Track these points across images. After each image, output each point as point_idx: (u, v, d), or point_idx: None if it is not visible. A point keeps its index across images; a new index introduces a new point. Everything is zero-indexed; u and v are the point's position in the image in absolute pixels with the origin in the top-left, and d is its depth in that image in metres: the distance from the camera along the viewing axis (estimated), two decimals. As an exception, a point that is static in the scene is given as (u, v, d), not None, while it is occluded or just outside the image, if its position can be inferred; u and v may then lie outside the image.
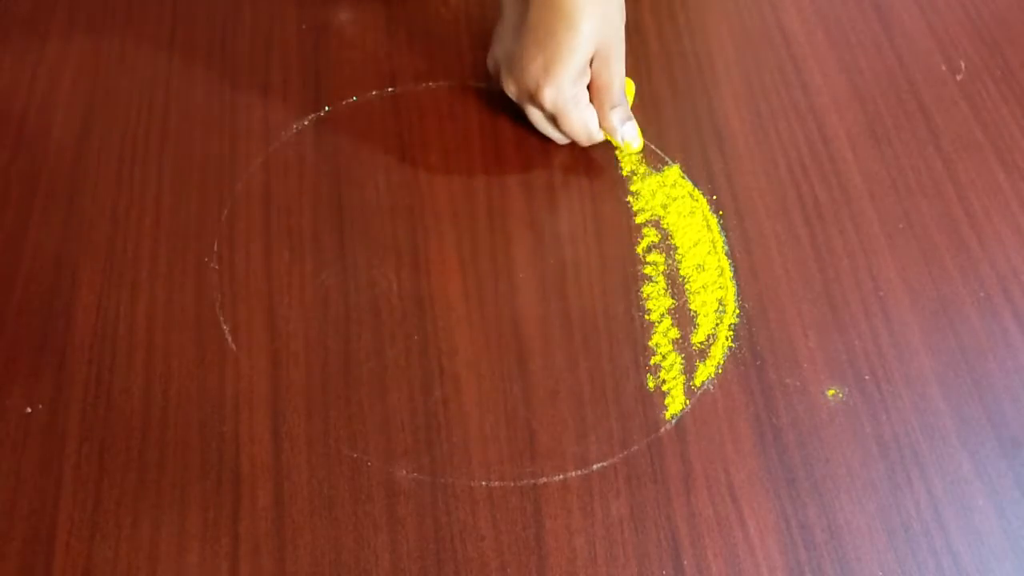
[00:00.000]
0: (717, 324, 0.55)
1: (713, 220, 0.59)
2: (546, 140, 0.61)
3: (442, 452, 0.51)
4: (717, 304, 0.56)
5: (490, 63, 0.60)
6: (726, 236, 0.59)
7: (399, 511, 0.49)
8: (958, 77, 0.67)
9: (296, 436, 0.51)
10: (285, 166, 0.61)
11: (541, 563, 0.48)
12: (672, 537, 0.48)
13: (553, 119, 0.59)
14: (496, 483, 0.50)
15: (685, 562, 0.48)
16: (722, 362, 0.54)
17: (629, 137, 0.59)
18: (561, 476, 0.50)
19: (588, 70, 0.57)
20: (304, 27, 0.68)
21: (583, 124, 0.58)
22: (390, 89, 0.65)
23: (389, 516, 0.49)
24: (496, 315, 0.55)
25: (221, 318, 0.55)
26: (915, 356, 0.54)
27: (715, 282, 0.57)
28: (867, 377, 0.53)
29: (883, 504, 0.49)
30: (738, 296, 0.56)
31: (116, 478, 0.50)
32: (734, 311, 0.56)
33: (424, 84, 0.65)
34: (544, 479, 0.50)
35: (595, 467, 0.50)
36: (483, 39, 0.67)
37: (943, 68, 0.67)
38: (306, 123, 0.63)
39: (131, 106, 0.64)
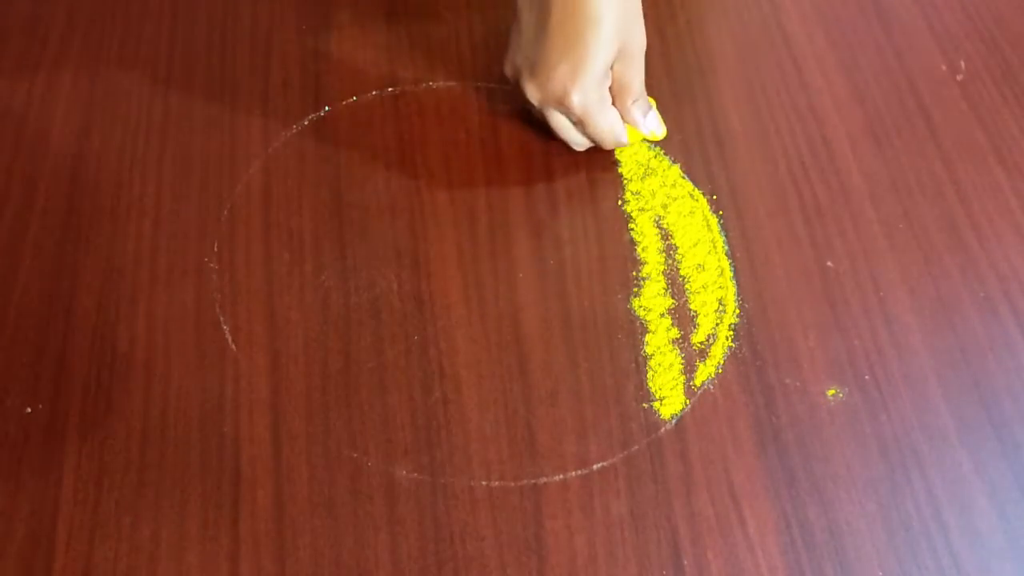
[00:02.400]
0: (717, 324, 0.55)
1: (713, 220, 0.59)
2: (546, 141, 0.61)
3: (442, 452, 0.51)
4: (717, 304, 0.56)
5: (508, 70, 0.59)
6: (726, 236, 0.59)
7: (399, 511, 0.49)
8: (958, 77, 0.67)
9: (296, 436, 0.51)
10: (285, 166, 0.61)
11: (541, 563, 0.48)
12: (672, 537, 0.48)
13: (578, 124, 0.58)
14: (496, 483, 0.50)
15: (685, 562, 0.48)
16: (722, 362, 0.54)
17: (653, 126, 0.60)
18: (561, 476, 0.50)
19: (610, 72, 0.56)
20: (304, 27, 0.68)
21: (610, 126, 0.58)
22: (390, 89, 0.65)
23: (389, 516, 0.49)
24: (496, 315, 0.55)
25: (221, 318, 0.55)
26: (915, 356, 0.54)
27: (715, 282, 0.57)
28: (867, 377, 0.53)
29: (883, 504, 0.49)
30: (738, 296, 0.56)
31: (116, 478, 0.50)
32: (734, 311, 0.56)
33: (424, 84, 0.65)
34: (544, 479, 0.50)
35: (595, 467, 0.50)
36: (483, 39, 0.67)
37: (943, 68, 0.67)
38: (306, 123, 0.63)
39: (131, 106, 0.64)
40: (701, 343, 0.54)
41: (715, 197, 0.60)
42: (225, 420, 0.51)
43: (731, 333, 0.55)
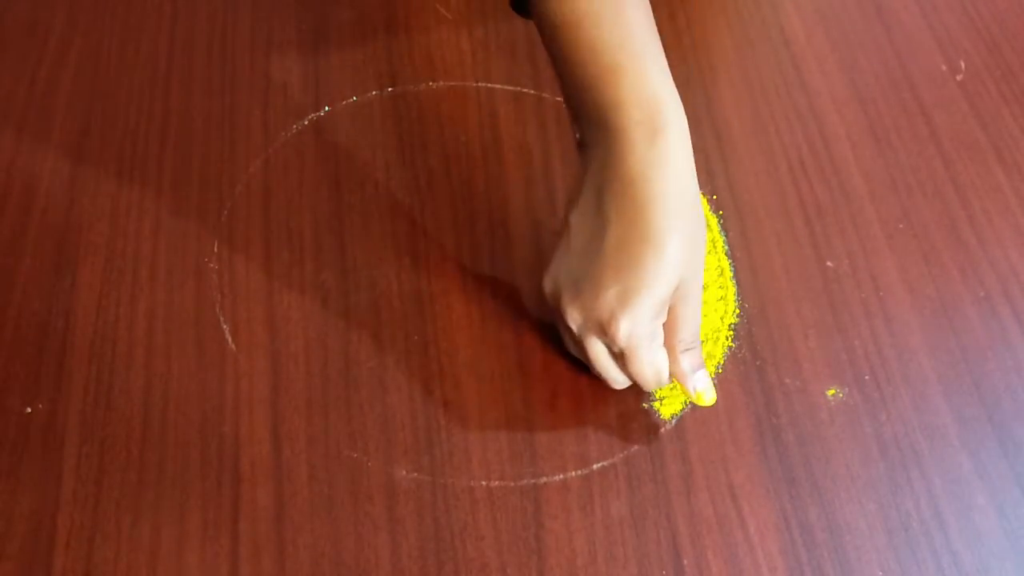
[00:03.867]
0: (717, 324, 0.55)
1: (713, 220, 0.59)
2: (546, 140, 0.61)
3: (442, 452, 0.51)
4: (717, 304, 0.56)
5: (548, 286, 0.51)
6: (726, 236, 0.59)
7: (399, 511, 0.49)
8: (958, 77, 0.67)
9: (296, 436, 0.51)
10: (285, 166, 0.61)
11: (541, 563, 0.48)
12: (672, 537, 0.48)
13: (619, 357, 0.50)
14: (496, 483, 0.50)
15: (685, 562, 0.48)
16: (722, 362, 0.54)
17: (702, 387, 0.50)
18: (561, 476, 0.50)
19: (667, 306, 0.49)
20: (304, 27, 0.68)
21: (655, 369, 0.49)
22: (390, 89, 0.65)
23: (389, 516, 0.49)
24: (496, 315, 0.55)
25: (221, 318, 0.55)
26: (915, 356, 0.54)
27: (715, 282, 0.57)
28: (867, 377, 0.53)
29: (883, 504, 0.49)
30: (738, 296, 0.56)
31: (116, 478, 0.50)
32: (734, 311, 0.56)
33: (424, 84, 0.65)
34: (544, 479, 0.50)
35: (595, 467, 0.50)
36: (483, 39, 0.67)
37: (943, 68, 0.67)
38: (306, 123, 0.63)
39: (131, 106, 0.64)
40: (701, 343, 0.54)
41: (715, 197, 0.60)
42: (225, 420, 0.51)
43: (731, 333, 0.55)
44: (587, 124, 0.48)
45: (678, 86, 0.47)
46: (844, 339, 0.55)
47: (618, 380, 0.51)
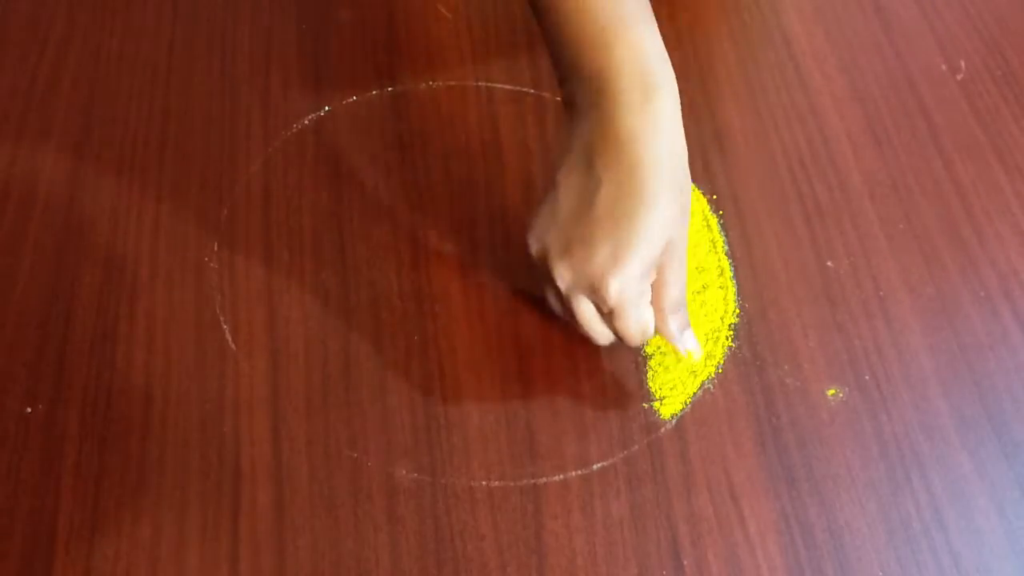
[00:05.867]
0: (717, 324, 0.55)
1: (713, 220, 0.59)
2: (546, 140, 0.61)
3: (442, 452, 0.51)
4: (717, 304, 0.56)
5: (534, 245, 0.50)
6: (726, 236, 0.59)
7: (399, 511, 0.49)
8: (958, 77, 0.67)
9: (296, 436, 0.51)
10: (285, 166, 0.61)
11: (541, 563, 0.48)
12: (672, 537, 0.48)
13: (608, 316, 0.50)
14: (496, 483, 0.50)
15: (685, 562, 0.48)
16: (722, 362, 0.54)
17: (691, 346, 0.52)
18: (561, 476, 0.50)
19: (655, 266, 0.49)
20: (304, 27, 0.68)
21: (642, 326, 0.50)
22: (390, 89, 0.65)
23: (389, 516, 0.49)
24: (496, 315, 0.55)
25: (221, 318, 0.55)
26: (915, 356, 0.54)
27: (715, 282, 0.57)
28: (867, 377, 0.53)
29: (883, 504, 0.49)
30: (738, 296, 0.56)
31: (116, 478, 0.50)
32: (734, 311, 0.56)
33: (424, 84, 0.65)
34: (544, 479, 0.50)
35: (595, 467, 0.50)
36: (483, 39, 0.67)
37: (943, 68, 0.67)
38: (306, 123, 0.63)
39: (131, 106, 0.64)
40: (701, 343, 0.54)
41: (715, 197, 0.60)
42: (225, 420, 0.51)
43: (731, 333, 0.55)
44: (577, 86, 0.49)
45: (678, 86, 0.47)
46: (844, 339, 0.55)
47: (603, 335, 0.52)
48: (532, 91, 0.65)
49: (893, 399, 0.53)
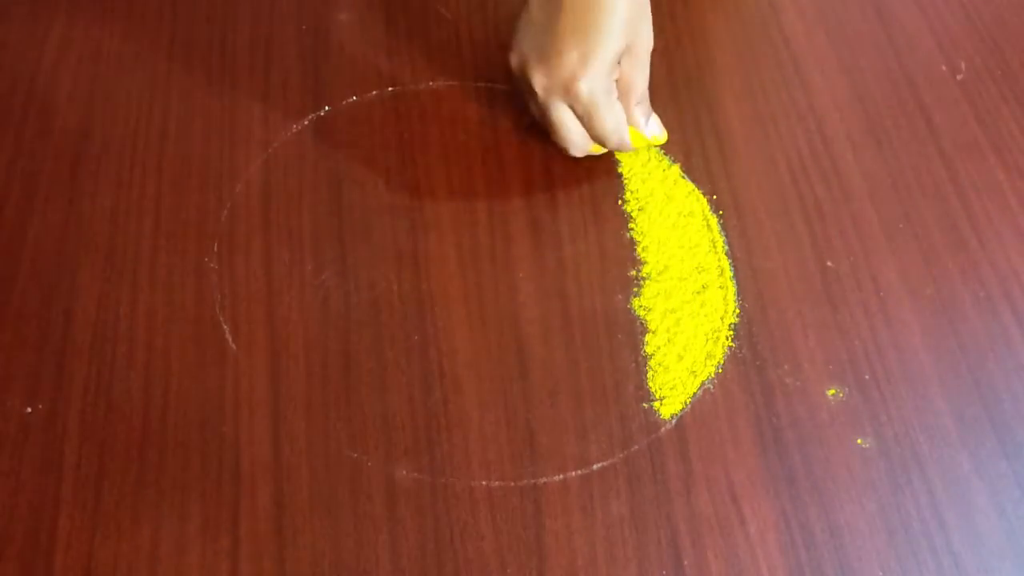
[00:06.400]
0: (717, 324, 0.55)
1: (713, 220, 0.59)
2: (545, 140, 0.61)
3: (442, 452, 0.51)
4: (717, 304, 0.56)
5: (514, 59, 0.58)
6: (726, 236, 0.59)
7: (399, 511, 0.49)
8: (958, 77, 0.67)
9: (296, 436, 0.51)
10: (285, 166, 0.61)
11: (541, 563, 0.48)
12: (672, 537, 0.48)
13: (583, 119, 0.57)
14: (496, 483, 0.50)
15: (685, 562, 0.48)
16: (722, 362, 0.54)
17: (656, 131, 0.60)
18: (561, 476, 0.50)
19: (619, 65, 0.56)
20: (304, 27, 0.68)
21: (615, 123, 0.57)
22: (390, 89, 0.65)
23: (389, 516, 0.49)
24: (496, 315, 0.55)
25: (221, 318, 0.55)
26: (915, 356, 0.54)
27: (715, 282, 0.57)
28: (867, 377, 0.53)
29: (883, 504, 0.49)
30: (738, 296, 0.56)
31: (116, 478, 0.50)
32: (734, 311, 0.56)
33: (424, 84, 0.65)
34: (544, 479, 0.50)
35: (595, 467, 0.50)
36: (483, 39, 0.67)
37: (943, 68, 0.67)
38: (306, 123, 0.63)
39: (131, 106, 0.64)
40: (701, 343, 0.54)
41: (715, 197, 0.60)
42: (225, 420, 0.51)
43: (731, 333, 0.55)
44: None
45: (679, 86, 0.47)
46: (844, 339, 0.55)
47: (578, 144, 0.58)
48: (532, 91, 0.65)
49: (893, 399, 0.53)
